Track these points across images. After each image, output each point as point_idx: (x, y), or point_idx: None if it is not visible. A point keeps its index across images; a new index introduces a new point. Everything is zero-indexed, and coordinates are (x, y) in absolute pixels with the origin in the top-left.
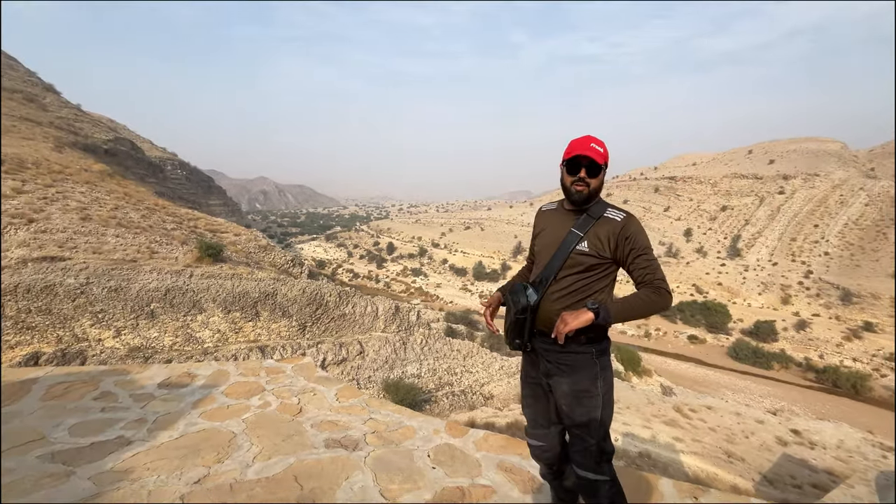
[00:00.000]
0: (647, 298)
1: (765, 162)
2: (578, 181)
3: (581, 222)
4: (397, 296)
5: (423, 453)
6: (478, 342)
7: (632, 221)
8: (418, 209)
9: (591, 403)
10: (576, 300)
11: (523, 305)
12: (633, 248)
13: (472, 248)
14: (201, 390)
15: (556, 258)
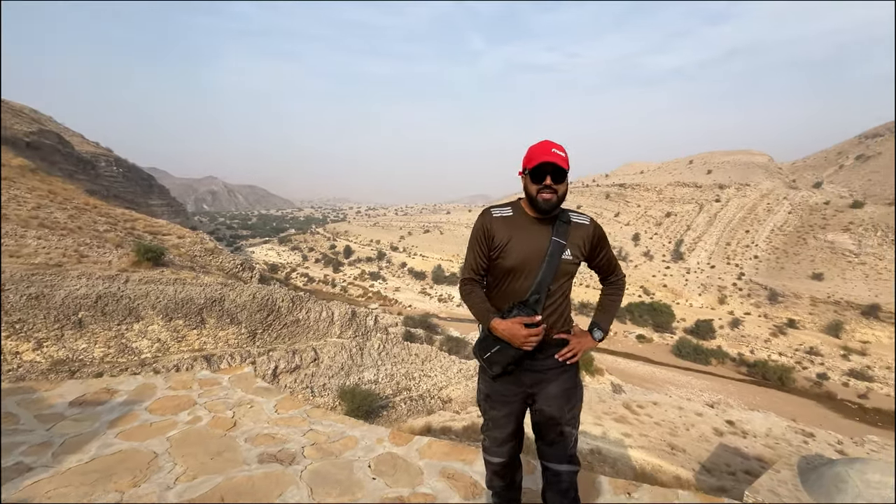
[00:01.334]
0: (620, 297)
1: (703, 172)
2: (545, 189)
3: (560, 230)
4: (355, 300)
5: (364, 464)
6: (436, 346)
7: (597, 224)
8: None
9: (577, 395)
10: (562, 309)
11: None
12: (602, 248)
13: (432, 252)
14: (121, 407)
15: (546, 271)
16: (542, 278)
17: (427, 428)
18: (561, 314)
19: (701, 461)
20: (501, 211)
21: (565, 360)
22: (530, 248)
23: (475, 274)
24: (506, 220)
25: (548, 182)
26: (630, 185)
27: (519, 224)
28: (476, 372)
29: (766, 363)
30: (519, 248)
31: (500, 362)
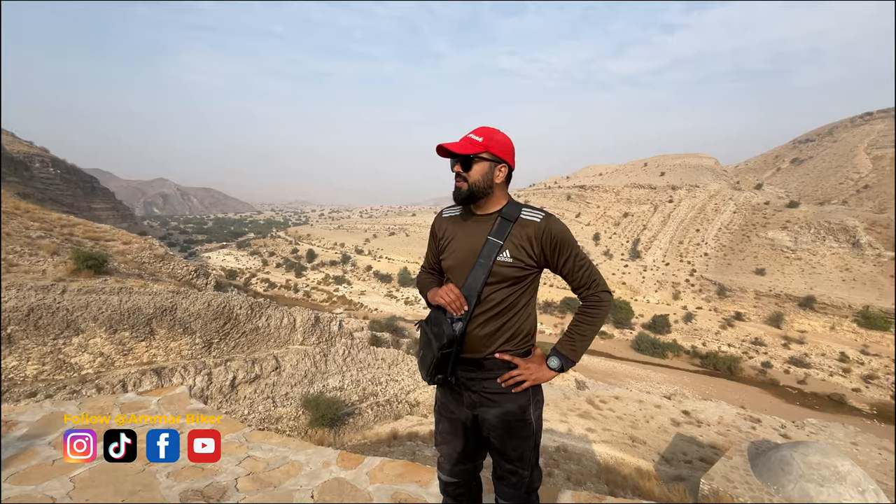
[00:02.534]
0: (593, 318)
1: (657, 174)
2: (456, 177)
3: (497, 228)
4: (318, 305)
5: (307, 494)
6: (403, 349)
7: (553, 220)
8: (341, 214)
9: (524, 433)
10: (504, 321)
11: (449, 338)
12: (561, 250)
13: (398, 254)
14: (18, 443)
15: (475, 273)
16: (469, 281)
17: (393, 434)
18: (502, 327)
19: (660, 451)
20: (452, 210)
21: (509, 386)
22: (465, 246)
23: (429, 267)
24: (452, 219)
25: (457, 169)
26: (590, 187)
27: (461, 222)
28: None
29: (717, 354)
30: (456, 246)
31: (424, 362)
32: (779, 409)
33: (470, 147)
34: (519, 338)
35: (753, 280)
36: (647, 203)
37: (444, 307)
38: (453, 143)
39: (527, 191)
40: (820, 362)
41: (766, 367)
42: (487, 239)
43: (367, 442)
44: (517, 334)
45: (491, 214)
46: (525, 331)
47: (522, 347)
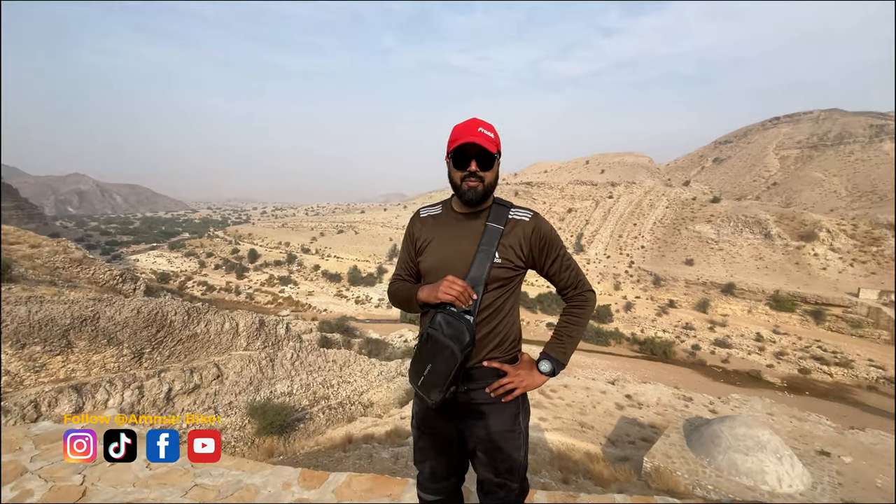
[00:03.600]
0: (581, 318)
1: (598, 171)
2: (470, 176)
3: (492, 227)
4: (263, 308)
5: None
6: (355, 349)
7: (541, 219)
8: (285, 212)
9: (513, 444)
10: (492, 326)
11: (471, 333)
12: (549, 250)
13: (347, 253)
14: None
15: (477, 273)
16: (472, 274)
17: (348, 438)
18: (494, 333)
19: (607, 435)
20: (430, 210)
21: (498, 396)
22: (452, 249)
23: (402, 273)
24: (432, 220)
25: (472, 168)
26: (536, 184)
27: (444, 223)
28: (397, 373)
29: (654, 340)
30: (439, 249)
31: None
32: (707, 388)
33: (493, 145)
34: (507, 343)
35: (684, 270)
36: (589, 199)
37: (449, 303)
38: (484, 137)
39: None
40: (740, 342)
41: (696, 349)
42: (482, 239)
43: (320, 448)
44: (505, 340)
45: (477, 213)
46: (512, 336)
47: (510, 353)
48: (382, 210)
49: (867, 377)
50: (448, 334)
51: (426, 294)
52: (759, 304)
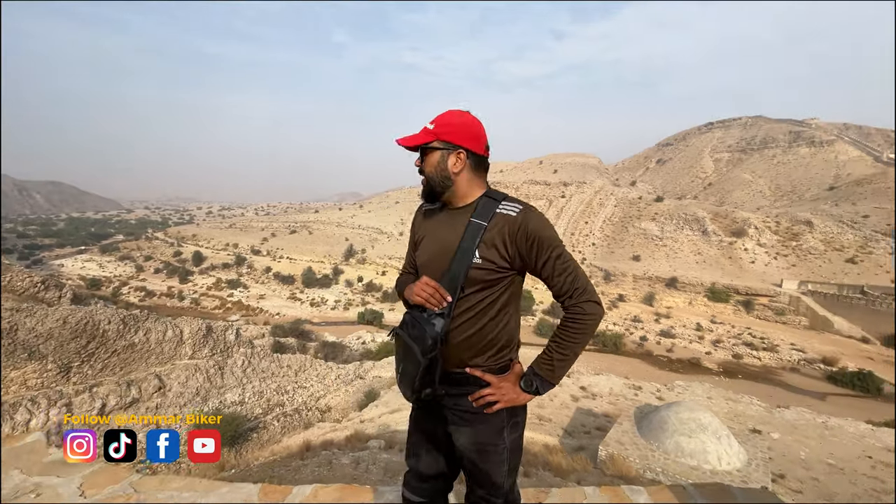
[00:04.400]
0: (575, 334)
1: (551, 171)
2: (419, 172)
3: (473, 225)
4: (210, 313)
5: None
6: (311, 353)
7: (531, 215)
8: (233, 212)
9: (495, 459)
10: (474, 330)
11: (433, 337)
12: (540, 249)
13: (300, 254)
14: None
15: (454, 273)
16: (447, 284)
17: (306, 445)
18: (478, 338)
19: (563, 426)
20: (430, 206)
21: (479, 406)
22: (438, 244)
23: (409, 267)
24: (429, 214)
25: (416, 163)
26: (492, 183)
27: (437, 217)
28: (356, 376)
29: (605, 333)
30: (429, 244)
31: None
32: (654, 376)
33: (419, 137)
34: (493, 350)
35: (631, 265)
36: (543, 198)
37: (421, 305)
38: (407, 137)
39: None
40: (682, 332)
41: (643, 340)
42: (463, 236)
43: (276, 458)
44: (491, 346)
45: (463, 208)
46: (500, 342)
47: (498, 362)
48: (338, 209)
49: (790, 360)
50: (413, 335)
51: (407, 293)
52: (698, 296)
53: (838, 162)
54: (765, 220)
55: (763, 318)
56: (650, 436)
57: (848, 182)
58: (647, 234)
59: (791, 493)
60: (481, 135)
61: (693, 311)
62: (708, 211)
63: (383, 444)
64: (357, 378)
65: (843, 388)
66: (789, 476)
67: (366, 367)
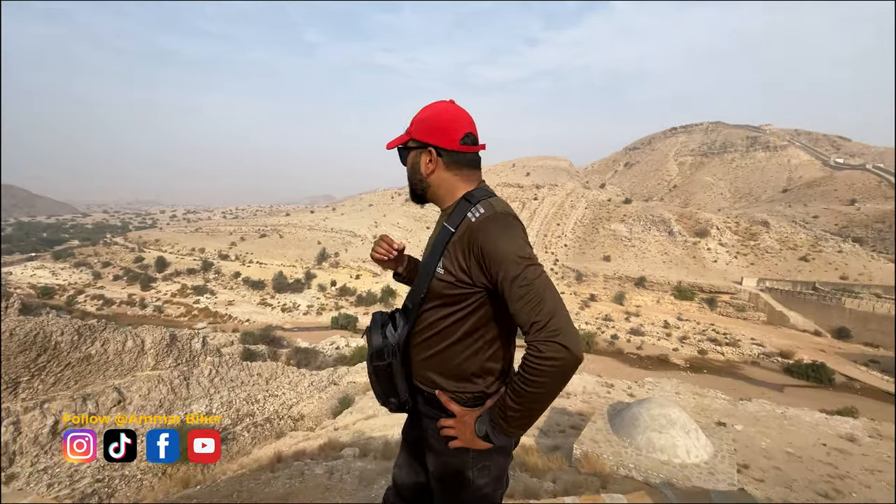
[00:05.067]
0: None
1: (524, 174)
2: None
3: (443, 230)
4: (175, 321)
5: None
6: (283, 360)
7: (487, 222)
8: (199, 216)
9: (461, 495)
10: (434, 350)
11: (377, 347)
12: (491, 268)
13: (271, 258)
14: None
15: (417, 282)
16: (412, 291)
17: (277, 456)
18: (440, 361)
19: (539, 426)
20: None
21: (442, 436)
22: (426, 250)
23: None
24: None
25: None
26: None
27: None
28: (329, 382)
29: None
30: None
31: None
32: (625, 374)
33: (398, 139)
34: (461, 378)
35: (602, 266)
36: (516, 201)
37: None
38: (391, 141)
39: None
40: (650, 330)
41: (614, 338)
42: (434, 243)
43: (245, 471)
44: (457, 372)
45: (446, 210)
46: (470, 371)
47: (469, 390)
48: (309, 212)
49: (751, 354)
50: (370, 335)
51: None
52: (665, 295)
53: (791, 166)
54: (725, 220)
55: (725, 314)
56: (623, 432)
57: (799, 185)
58: (616, 235)
59: (754, 482)
60: (450, 127)
61: (661, 309)
62: (673, 212)
63: (358, 452)
64: (331, 384)
65: (798, 379)
66: (752, 466)
67: (340, 373)
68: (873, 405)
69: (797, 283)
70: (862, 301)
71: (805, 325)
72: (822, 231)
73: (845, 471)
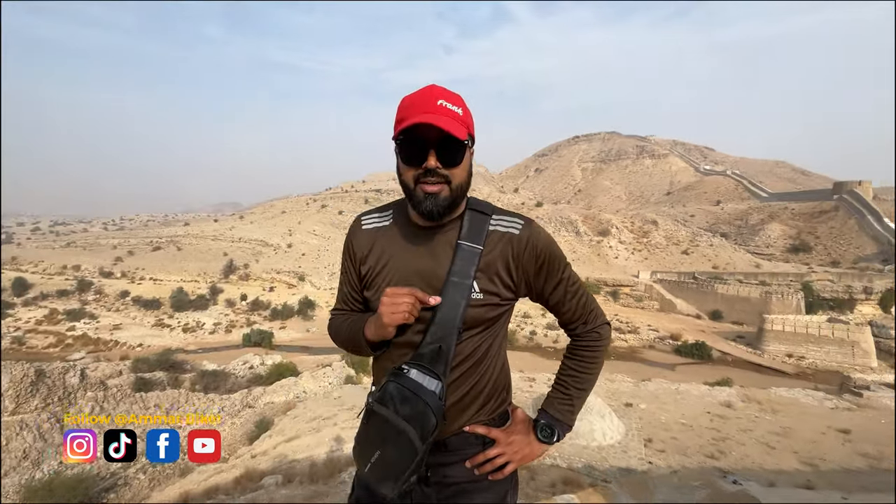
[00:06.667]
0: (594, 364)
1: None
2: (429, 175)
3: (465, 250)
4: (42, 354)
5: None
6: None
7: (536, 230)
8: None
9: None
10: (475, 380)
11: (438, 411)
12: (550, 271)
13: (167, 273)
14: None
15: (446, 314)
16: (437, 328)
17: (184, 497)
18: (476, 392)
19: None
20: (376, 218)
21: (484, 472)
22: (414, 275)
23: (345, 305)
24: (380, 233)
25: (432, 163)
26: (386, 191)
27: (398, 239)
28: (244, 405)
29: None
30: (398, 275)
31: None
32: (545, 367)
33: (459, 128)
34: (494, 399)
35: None
36: None
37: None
38: (449, 116)
39: (323, 195)
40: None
41: (533, 334)
42: (454, 264)
43: None
44: (491, 396)
45: (445, 225)
46: (500, 387)
47: (498, 409)
48: (213, 221)
49: (648, 339)
50: (404, 414)
51: (374, 330)
52: None
53: (671, 171)
54: (623, 220)
55: (627, 305)
56: None
57: (679, 188)
58: None
59: (657, 454)
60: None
61: None
62: (579, 214)
63: (281, 479)
64: (245, 407)
65: (686, 357)
66: (655, 439)
67: (255, 394)
68: (742, 374)
69: (681, 274)
70: (729, 286)
71: (689, 310)
72: (697, 228)
73: (726, 433)
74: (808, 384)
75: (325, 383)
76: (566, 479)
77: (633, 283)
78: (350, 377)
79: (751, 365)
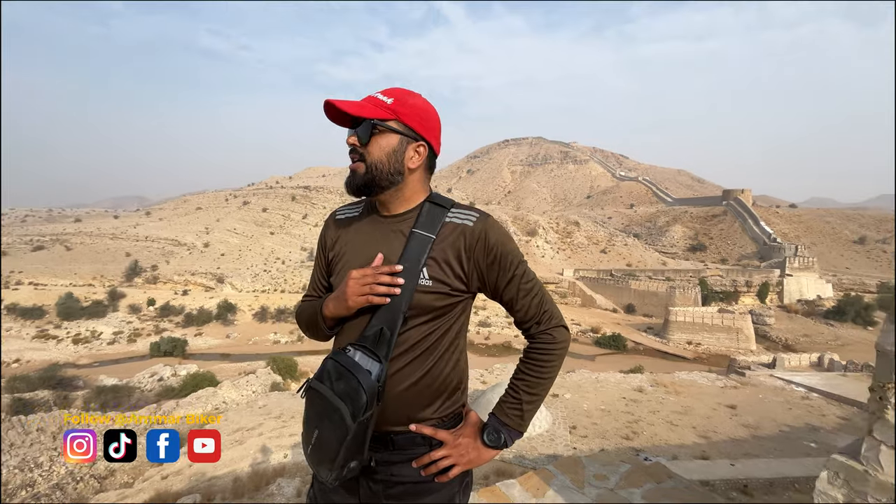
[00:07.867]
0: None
1: None
2: (350, 153)
3: (417, 237)
4: None
5: None
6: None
7: (491, 224)
8: None
9: None
10: (426, 369)
11: (370, 391)
12: (502, 266)
13: (53, 277)
14: None
15: (393, 301)
16: (384, 313)
17: None
18: (423, 385)
19: None
20: (349, 210)
21: (430, 474)
22: (367, 262)
23: (314, 292)
24: (348, 223)
25: (348, 140)
26: (314, 188)
27: (360, 228)
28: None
29: None
30: (352, 263)
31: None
32: (477, 363)
33: (372, 109)
34: (444, 396)
35: None
36: None
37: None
38: (348, 102)
39: (246, 191)
40: (495, 321)
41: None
42: (405, 251)
43: None
44: (442, 391)
45: (401, 216)
46: (452, 385)
47: (449, 409)
48: (112, 217)
49: (572, 333)
50: (338, 391)
51: (333, 306)
52: None
53: (592, 176)
54: (549, 221)
55: None
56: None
57: (598, 192)
58: None
59: (581, 439)
60: (439, 128)
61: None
62: (509, 215)
63: (199, 499)
64: (155, 423)
65: (605, 348)
66: (578, 426)
67: (166, 409)
68: (652, 361)
69: (600, 272)
70: (641, 282)
71: (606, 304)
72: (614, 229)
73: (638, 416)
74: (703, 367)
75: (249, 392)
76: (499, 471)
77: (557, 281)
78: (277, 384)
79: (658, 353)
